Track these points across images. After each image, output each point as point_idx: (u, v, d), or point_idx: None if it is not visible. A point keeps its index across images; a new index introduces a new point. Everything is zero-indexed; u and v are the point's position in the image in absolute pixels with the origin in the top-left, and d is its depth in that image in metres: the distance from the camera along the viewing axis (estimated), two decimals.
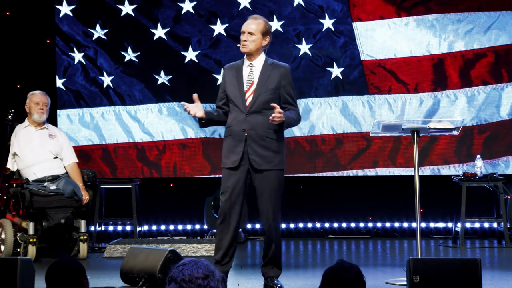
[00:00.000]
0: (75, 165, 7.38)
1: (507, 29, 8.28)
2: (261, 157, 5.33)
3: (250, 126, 5.34)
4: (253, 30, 5.37)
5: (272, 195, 5.38)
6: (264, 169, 5.34)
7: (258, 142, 5.33)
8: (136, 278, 5.54)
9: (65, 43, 8.50)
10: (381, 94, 8.39)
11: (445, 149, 8.36)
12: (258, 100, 5.36)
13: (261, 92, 5.36)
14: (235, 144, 5.36)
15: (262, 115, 5.33)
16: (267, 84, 5.38)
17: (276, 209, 5.40)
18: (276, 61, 5.54)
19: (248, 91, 5.39)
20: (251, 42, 5.38)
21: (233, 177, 5.37)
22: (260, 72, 5.41)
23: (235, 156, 5.35)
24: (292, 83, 5.48)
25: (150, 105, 8.54)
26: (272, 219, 5.40)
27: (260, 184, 5.37)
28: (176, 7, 8.47)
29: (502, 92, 8.32)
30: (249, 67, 5.44)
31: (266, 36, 5.41)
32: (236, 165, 5.35)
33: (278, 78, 5.39)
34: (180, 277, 2.74)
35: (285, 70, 5.45)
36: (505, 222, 7.85)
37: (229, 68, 5.53)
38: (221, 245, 5.44)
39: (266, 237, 5.48)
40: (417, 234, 5.76)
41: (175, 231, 8.64)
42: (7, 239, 6.97)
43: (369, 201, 8.56)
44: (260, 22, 5.41)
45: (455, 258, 6.18)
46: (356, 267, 3.15)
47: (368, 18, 8.37)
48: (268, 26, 5.44)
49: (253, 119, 5.34)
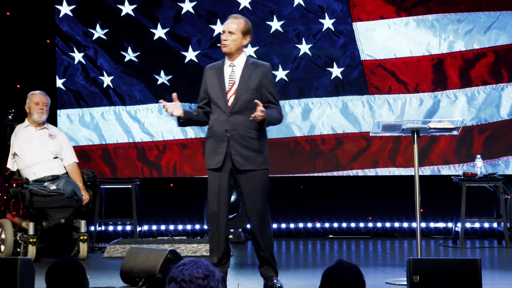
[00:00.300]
0: (75, 165, 7.38)
1: (507, 29, 8.28)
2: (244, 157, 5.33)
3: (232, 126, 5.33)
4: (233, 30, 5.36)
5: (258, 195, 5.37)
6: (247, 170, 5.34)
7: (241, 143, 5.32)
8: (136, 278, 5.54)
9: (65, 43, 8.50)
10: (381, 94, 8.39)
11: (445, 149, 8.36)
12: (240, 100, 5.35)
13: (243, 92, 5.35)
14: (218, 145, 5.36)
15: (244, 115, 5.32)
16: (248, 83, 5.37)
17: (264, 208, 5.39)
18: (257, 60, 5.54)
19: (229, 91, 5.38)
20: (231, 41, 5.36)
21: (218, 178, 5.37)
22: (241, 71, 5.40)
23: (218, 156, 5.35)
24: (274, 81, 5.49)
25: (150, 105, 8.54)
26: (262, 218, 5.39)
27: (245, 185, 5.37)
28: (176, 7, 8.47)
29: (502, 92, 8.32)
30: (230, 67, 5.43)
31: (246, 36, 5.39)
32: (219, 165, 5.35)
33: (259, 77, 5.37)
34: (180, 277, 2.74)
35: (265, 69, 5.42)
36: (505, 222, 7.85)
37: (210, 68, 5.52)
38: (215, 247, 5.45)
39: (256, 238, 5.44)
40: (417, 234, 5.76)
41: (175, 231, 8.64)
42: (7, 239, 6.97)
43: (369, 201, 8.55)
44: (240, 21, 5.40)
45: (455, 258, 6.18)
46: (355, 267, 3.15)
47: (368, 18, 8.37)
48: (248, 26, 5.41)
49: (235, 120, 5.33)
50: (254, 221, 5.43)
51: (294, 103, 8.44)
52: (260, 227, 5.41)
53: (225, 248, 5.46)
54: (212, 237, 5.47)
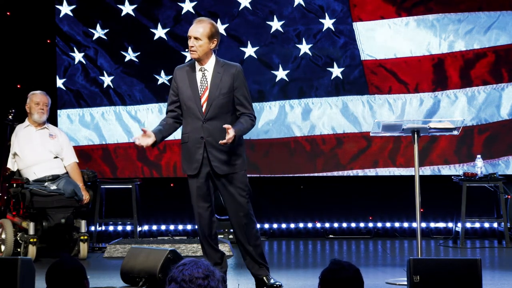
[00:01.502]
0: (75, 165, 7.38)
1: (507, 29, 8.28)
2: (223, 162, 5.31)
3: (207, 133, 5.29)
4: (198, 35, 5.29)
5: (241, 197, 5.36)
6: (227, 174, 5.33)
7: (218, 148, 5.28)
8: (136, 278, 5.54)
9: (65, 43, 8.50)
10: (382, 94, 8.39)
11: (445, 149, 8.36)
12: (213, 106, 5.30)
13: (215, 97, 5.30)
14: (194, 151, 5.32)
15: (219, 120, 5.29)
16: (220, 87, 5.31)
17: (248, 209, 5.39)
18: (228, 62, 5.45)
19: (202, 97, 5.32)
20: (198, 47, 5.29)
21: (196, 182, 5.36)
22: (212, 76, 5.35)
23: (194, 163, 5.32)
24: (245, 82, 5.41)
25: (150, 105, 8.54)
26: (248, 219, 5.38)
27: (226, 189, 5.36)
28: (176, 7, 8.47)
29: (502, 92, 8.32)
30: (201, 72, 5.37)
31: (213, 39, 5.31)
32: (196, 171, 5.34)
33: (230, 80, 5.32)
34: (181, 277, 2.74)
35: (236, 70, 5.37)
36: (505, 222, 7.85)
37: (180, 70, 5.46)
38: (205, 251, 5.48)
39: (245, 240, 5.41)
40: (417, 234, 5.76)
41: (175, 231, 8.64)
42: (8, 239, 6.97)
43: (369, 201, 8.55)
44: (205, 25, 5.31)
45: (455, 258, 6.19)
46: (353, 266, 3.15)
47: (368, 18, 8.37)
48: (214, 29, 5.33)
49: (210, 126, 5.29)
50: (240, 224, 5.40)
51: (295, 103, 8.44)
52: (247, 228, 5.40)
53: (218, 252, 5.48)
54: (200, 241, 5.53)
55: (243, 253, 5.49)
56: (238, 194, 5.36)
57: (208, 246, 5.46)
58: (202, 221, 5.41)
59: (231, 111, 5.34)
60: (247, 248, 5.43)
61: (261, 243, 5.52)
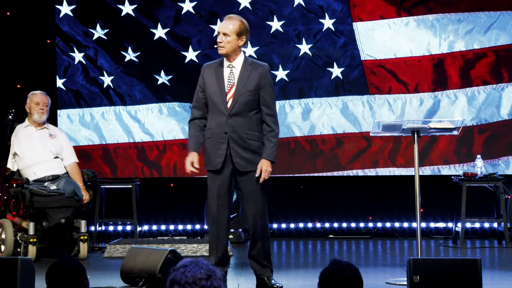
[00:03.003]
0: (75, 165, 7.38)
1: (507, 29, 8.28)
2: (245, 159, 5.34)
3: (231, 128, 5.33)
4: (227, 31, 5.34)
5: (259, 196, 5.38)
6: (249, 171, 5.35)
7: (241, 144, 5.33)
8: (136, 278, 5.54)
9: (65, 43, 8.50)
10: (381, 94, 8.39)
11: (445, 149, 8.36)
12: (238, 102, 5.34)
13: (241, 94, 5.34)
14: (218, 147, 5.35)
15: (243, 116, 5.34)
16: (246, 85, 5.36)
17: (264, 209, 5.41)
18: (256, 61, 5.53)
19: (228, 93, 5.37)
20: (226, 43, 5.34)
21: (217, 180, 5.38)
22: (240, 73, 5.39)
23: (218, 158, 5.35)
24: (272, 82, 5.47)
25: (150, 105, 8.54)
26: (260, 221, 5.39)
27: (246, 186, 5.38)
28: (176, 7, 8.47)
29: (502, 92, 8.32)
30: (228, 68, 5.41)
31: (241, 36, 5.36)
32: (219, 167, 5.35)
33: (258, 78, 5.37)
34: (184, 280, 2.73)
35: (264, 70, 5.41)
36: (505, 222, 7.85)
37: (208, 67, 5.50)
38: (215, 250, 5.45)
39: (254, 240, 5.43)
40: (417, 234, 5.76)
41: (175, 231, 8.64)
42: (8, 239, 6.97)
43: (369, 201, 8.55)
44: (235, 22, 5.37)
45: (455, 258, 6.19)
46: (352, 266, 3.15)
47: (368, 18, 8.37)
48: (244, 26, 5.38)
49: (234, 122, 5.33)
50: (254, 222, 5.41)
51: (294, 103, 8.44)
52: (262, 228, 5.41)
53: (223, 252, 5.46)
54: (211, 240, 5.48)
55: (250, 250, 5.49)
56: (257, 192, 5.37)
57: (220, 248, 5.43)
58: (218, 221, 5.39)
59: (256, 109, 5.38)
60: (256, 247, 5.44)
61: (269, 244, 5.54)
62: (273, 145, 5.41)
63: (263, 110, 5.39)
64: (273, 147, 5.40)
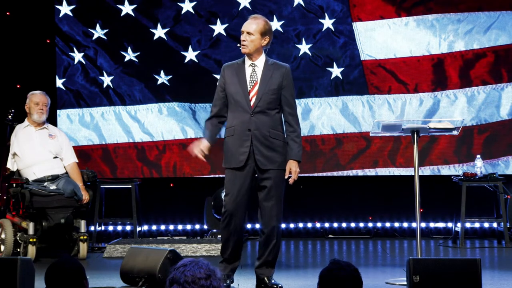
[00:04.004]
0: (75, 165, 7.38)
1: (507, 29, 8.28)
2: (266, 157, 5.37)
3: (255, 126, 5.36)
4: (251, 30, 5.39)
5: (277, 195, 5.39)
6: (268, 169, 5.37)
7: (263, 142, 5.36)
8: (136, 278, 5.54)
9: (65, 43, 8.50)
10: (381, 94, 8.39)
11: (445, 149, 8.36)
12: (261, 100, 5.37)
13: (265, 92, 5.38)
14: (240, 144, 5.37)
15: (266, 115, 5.37)
16: (269, 84, 5.40)
17: (279, 209, 5.42)
18: (277, 62, 5.57)
19: (252, 91, 5.40)
20: (250, 42, 5.39)
21: (239, 177, 5.38)
22: (262, 72, 5.43)
23: (241, 156, 5.36)
24: (293, 83, 5.52)
25: (150, 105, 8.54)
26: (275, 219, 5.41)
27: (265, 184, 5.39)
28: (176, 7, 8.47)
29: (502, 92, 8.32)
30: (251, 67, 5.45)
31: (265, 36, 5.41)
32: (242, 165, 5.36)
33: (280, 78, 5.42)
34: (183, 279, 2.73)
35: (286, 70, 5.48)
36: (505, 222, 7.85)
37: (229, 67, 5.52)
38: (228, 246, 5.46)
39: (267, 238, 5.44)
40: (417, 234, 5.76)
41: (175, 231, 8.64)
42: (7, 239, 6.97)
43: (369, 201, 8.56)
44: (259, 22, 5.41)
45: (455, 258, 6.18)
46: (352, 266, 3.15)
47: (368, 18, 8.37)
48: (268, 26, 5.43)
49: (257, 119, 5.36)
50: (268, 221, 5.41)
51: None
52: (276, 227, 5.42)
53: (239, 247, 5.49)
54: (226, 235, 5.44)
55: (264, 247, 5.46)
56: (276, 190, 5.38)
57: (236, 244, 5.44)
58: (235, 218, 5.39)
59: (277, 108, 5.42)
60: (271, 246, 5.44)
61: (280, 246, 5.58)
62: (298, 145, 5.44)
63: (285, 109, 5.43)
64: (298, 147, 5.44)
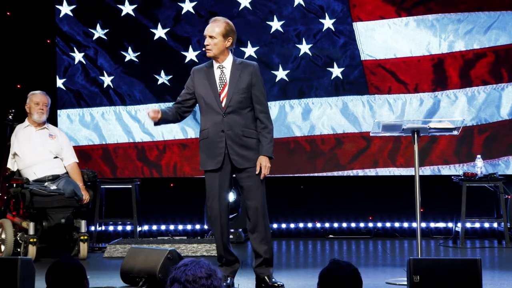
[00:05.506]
0: (75, 165, 7.38)
1: (507, 29, 8.28)
2: (241, 156, 5.43)
3: (228, 126, 5.43)
4: (213, 34, 5.46)
5: (258, 192, 5.45)
6: (245, 168, 5.44)
7: (237, 142, 5.43)
8: (136, 278, 5.54)
9: (65, 43, 8.50)
10: (381, 94, 8.39)
11: (445, 149, 8.36)
12: (232, 100, 5.44)
13: (234, 92, 5.45)
14: (215, 146, 5.45)
15: (238, 114, 5.45)
16: (238, 84, 5.47)
17: (263, 206, 5.47)
18: (245, 60, 5.64)
19: (222, 93, 5.48)
20: (213, 45, 5.47)
21: (217, 179, 5.46)
22: (231, 72, 5.50)
23: (218, 157, 5.44)
24: (262, 80, 5.57)
25: (150, 105, 8.52)
26: (262, 216, 5.46)
27: (245, 182, 5.46)
28: (176, 7, 8.47)
29: (502, 92, 8.32)
30: (219, 69, 5.53)
31: (228, 37, 5.48)
32: (219, 166, 5.44)
33: (249, 77, 5.48)
34: (184, 278, 2.74)
35: (254, 68, 5.53)
36: (505, 222, 7.85)
37: (198, 70, 5.62)
38: (223, 250, 5.52)
39: (257, 236, 5.48)
40: (417, 234, 5.76)
41: (175, 231, 8.64)
42: (7, 239, 6.97)
43: (369, 201, 8.56)
44: (220, 24, 5.48)
45: (455, 258, 6.18)
46: (352, 266, 3.15)
47: (368, 18, 8.37)
48: (229, 27, 5.49)
49: (229, 120, 5.44)
50: (255, 218, 5.45)
51: (294, 103, 8.44)
52: (262, 224, 5.45)
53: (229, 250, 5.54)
54: (218, 241, 5.54)
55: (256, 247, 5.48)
56: (256, 187, 5.43)
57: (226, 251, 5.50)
58: (221, 219, 5.48)
59: (249, 107, 5.48)
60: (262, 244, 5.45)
61: (272, 243, 5.59)
62: (269, 141, 5.48)
63: (256, 107, 5.49)
64: (269, 143, 5.48)
